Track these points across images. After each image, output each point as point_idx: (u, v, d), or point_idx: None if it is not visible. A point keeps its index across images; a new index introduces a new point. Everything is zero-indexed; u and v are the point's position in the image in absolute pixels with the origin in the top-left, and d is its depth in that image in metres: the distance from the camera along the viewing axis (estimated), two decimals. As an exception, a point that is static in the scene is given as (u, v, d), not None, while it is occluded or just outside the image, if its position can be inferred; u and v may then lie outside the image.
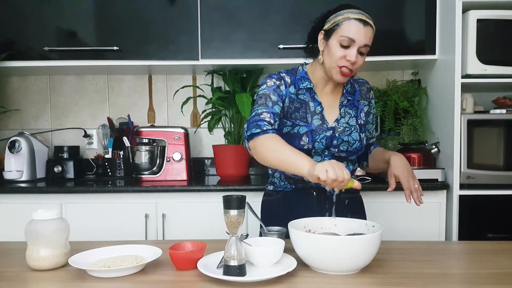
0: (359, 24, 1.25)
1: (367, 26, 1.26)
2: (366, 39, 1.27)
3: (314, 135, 1.33)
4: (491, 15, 1.95)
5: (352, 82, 1.45)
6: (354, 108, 1.41)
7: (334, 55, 1.28)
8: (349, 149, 1.36)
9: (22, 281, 0.99)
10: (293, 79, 1.39)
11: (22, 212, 2.01)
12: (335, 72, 1.30)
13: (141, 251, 1.12)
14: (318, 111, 1.36)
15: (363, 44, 1.26)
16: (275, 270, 0.98)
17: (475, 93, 2.16)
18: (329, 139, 1.34)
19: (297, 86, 1.38)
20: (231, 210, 0.96)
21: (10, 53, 2.17)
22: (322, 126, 1.35)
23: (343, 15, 1.27)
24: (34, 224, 1.04)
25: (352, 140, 1.36)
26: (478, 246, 1.27)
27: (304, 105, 1.36)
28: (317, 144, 1.33)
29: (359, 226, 1.13)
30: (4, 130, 2.58)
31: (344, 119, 1.38)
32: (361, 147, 1.39)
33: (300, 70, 1.42)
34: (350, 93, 1.42)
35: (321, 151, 1.34)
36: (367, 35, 1.27)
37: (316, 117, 1.36)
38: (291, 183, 1.40)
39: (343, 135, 1.35)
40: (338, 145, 1.35)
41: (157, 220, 2.03)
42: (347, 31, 1.25)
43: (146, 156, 2.23)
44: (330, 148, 1.34)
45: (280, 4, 2.16)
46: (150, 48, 2.19)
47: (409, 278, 0.98)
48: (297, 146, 1.31)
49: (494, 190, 1.95)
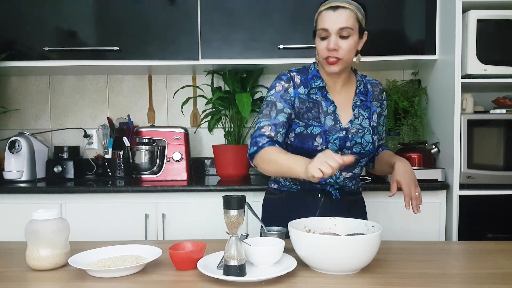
0: (329, 12, 1.26)
1: (338, 10, 1.26)
2: (340, 22, 1.25)
3: (328, 136, 1.31)
4: (491, 15, 1.95)
5: (365, 82, 1.43)
6: (367, 110, 1.39)
7: (318, 50, 1.31)
8: (361, 151, 1.35)
9: (22, 281, 0.99)
10: (304, 78, 1.38)
11: (22, 212, 2.01)
12: (324, 64, 1.31)
13: (141, 251, 1.12)
14: (330, 111, 1.35)
15: (337, 28, 1.26)
16: (275, 270, 0.98)
17: (475, 93, 2.16)
18: (343, 140, 1.32)
19: (309, 85, 1.36)
20: (231, 210, 0.96)
21: (10, 53, 2.17)
22: (335, 127, 1.33)
23: (318, 11, 1.31)
24: (34, 224, 1.04)
25: (365, 142, 1.34)
26: (478, 246, 1.27)
27: (317, 105, 1.35)
28: (331, 145, 1.31)
29: (359, 226, 1.13)
30: (4, 130, 2.58)
31: (357, 120, 1.36)
32: (373, 149, 1.37)
33: (312, 68, 1.41)
34: (363, 94, 1.40)
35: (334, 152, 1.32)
36: (340, 18, 1.25)
37: (329, 117, 1.34)
38: (296, 183, 1.39)
39: (356, 136, 1.34)
40: (351, 147, 1.33)
41: (157, 220, 2.03)
42: (320, 24, 1.29)
43: (146, 156, 2.23)
44: (343, 149, 1.33)
45: (280, 4, 2.16)
46: (150, 48, 2.19)
47: (409, 278, 0.98)
48: (311, 147, 1.30)
49: (494, 190, 1.95)
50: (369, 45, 2.18)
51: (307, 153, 1.31)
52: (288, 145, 1.36)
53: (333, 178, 1.35)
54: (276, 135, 1.30)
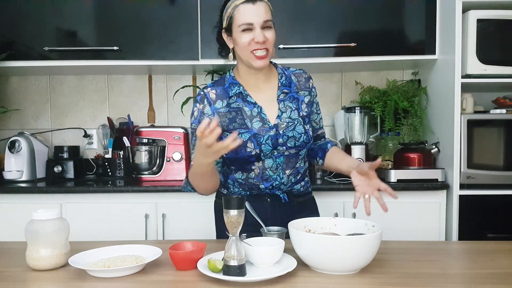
0: (248, 5, 1.23)
1: (256, 3, 1.23)
2: (262, 15, 1.23)
3: (259, 138, 1.29)
4: (491, 15, 1.95)
5: (287, 74, 1.39)
6: (294, 101, 1.36)
7: (242, 45, 1.25)
8: (296, 144, 1.32)
9: (22, 281, 0.99)
10: (221, 90, 1.35)
11: (22, 212, 2.01)
12: (251, 59, 1.27)
13: (141, 251, 1.12)
14: (255, 113, 1.32)
15: (261, 21, 1.24)
16: (275, 270, 0.98)
17: (475, 93, 2.16)
18: (274, 138, 1.30)
19: (227, 95, 1.34)
20: (231, 210, 0.96)
21: (10, 53, 2.17)
22: (263, 127, 1.31)
23: (231, 6, 1.26)
24: (34, 224, 1.04)
25: (298, 134, 1.32)
26: (478, 246, 1.27)
27: (239, 112, 1.32)
28: (264, 147, 1.29)
29: (359, 226, 1.13)
30: (4, 130, 2.58)
31: (285, 114, 1.33)
32: (308, 139, 1.35)
33: (227, 76, 1.38)
34: (285, 86, 1.36)
35: (270, 152, 1.30)
36: (260, 10, 1.23)
37: (255, 119, 1.31)
38: (245, 189, 1.37)
39: (287, 131, 1.31)
40: (285, 143, 1.31)
41: (157, 220, 2.03)
42: (241, 18, 1.24)
43: (146, 156, 2.23)
44: (277, 147, 1.31)
45: (280, 4, 2.15)
46: (150, 48, 2.19)
47: (409, 278, 0.98)
48: (245, 154, 1.29)
49: (494, 190, 1.95)
50: (369, 45, 2.21)
51: (243, 161, 1.32)
52: (224, 158, 1.35)
53: (278, 180, 1.33)
54: None
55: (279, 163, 1.33)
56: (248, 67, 1.32)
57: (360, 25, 2.16)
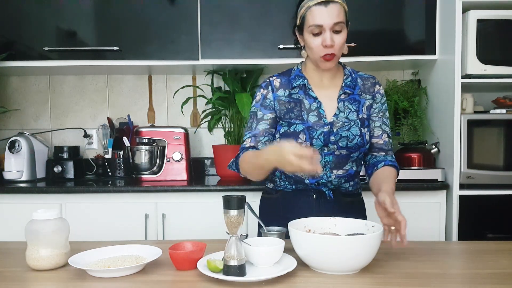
0: (320, 8, 1.25)
1: (329, 5, 1.24)
2: (333, 17, 1.24)
3: (311, 132, 1.31)
4: (491, 15, 1.95)
5: (354, 77, 1.41)
6: (355, 103, 1.37)
7: (312, 47, 1.29)
8: (348, 145, 1.32)
9: (22, 281, 0.99)
10: (286, 80, 1.39)
11: (22, 212, 2.00)
12: (320, 62, 1.30)
13: (141, 251, 1.12)
14: (314, 107, 1.34)
15: (332, 24, 1.25)
16: (275, 270, 0.98)
17: (475, 93, 2.16)
18: (327, 135, 1.31)
19: (291, 85, 1.37)
20: (231, 210, 0.96)
21: (10, 53, 2.17)
22: (319, 122, 1.32)
23: (304, 6, 1.28)
24: (34, 224, 1.04)
25: (352, 135, 1.32)
26: (478, 246, 1.27)
27: (299, 104, 1.35)
28: (315, 141, 1.31)
29: (359, 226, 1.13)
30: (4, 130, 2.58)
31: (343, 114, 1.34)
32: (362, 143, 1.34)
33: (295, 69, 1.42)
34: (349, 87, 1.38)
35: (320, 148, 1.32)
36: (333, 13, 1.24)
37: (312, 113, 1.34)
38: (291, 183, 1.38)
39: (341, 130, 1.32)
40: (337, 141, 1.32)
41: (157, 220, 2.03)
42: (312, 20, 1.26)
43: (146, 156, 2.23)
44: (328, 144, 1.32)
45: (280, 4, 2.16)
46: (150, 48, 2.19)
47: (409, 278, 0.98)
48: None
49: (494, 190, 1.95)
50: (369, 45, 2.21)
51: None
52: None
53: (325, 178, 1.34)
54: (256, 144, 1.34)
55: (327, 161, 1.33)
56: (315, 66, 1.36)
57: (360, 25, 2.16)
